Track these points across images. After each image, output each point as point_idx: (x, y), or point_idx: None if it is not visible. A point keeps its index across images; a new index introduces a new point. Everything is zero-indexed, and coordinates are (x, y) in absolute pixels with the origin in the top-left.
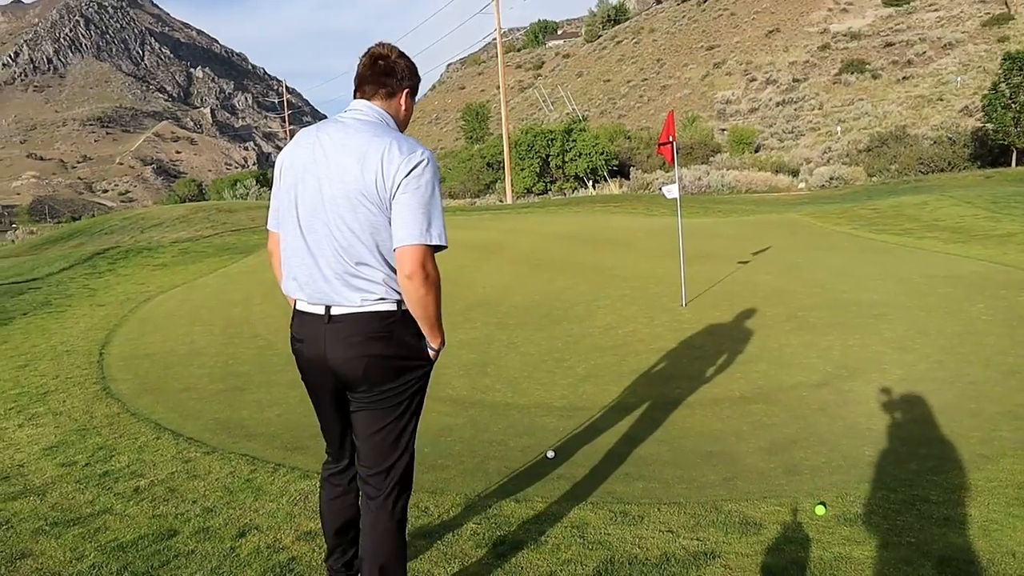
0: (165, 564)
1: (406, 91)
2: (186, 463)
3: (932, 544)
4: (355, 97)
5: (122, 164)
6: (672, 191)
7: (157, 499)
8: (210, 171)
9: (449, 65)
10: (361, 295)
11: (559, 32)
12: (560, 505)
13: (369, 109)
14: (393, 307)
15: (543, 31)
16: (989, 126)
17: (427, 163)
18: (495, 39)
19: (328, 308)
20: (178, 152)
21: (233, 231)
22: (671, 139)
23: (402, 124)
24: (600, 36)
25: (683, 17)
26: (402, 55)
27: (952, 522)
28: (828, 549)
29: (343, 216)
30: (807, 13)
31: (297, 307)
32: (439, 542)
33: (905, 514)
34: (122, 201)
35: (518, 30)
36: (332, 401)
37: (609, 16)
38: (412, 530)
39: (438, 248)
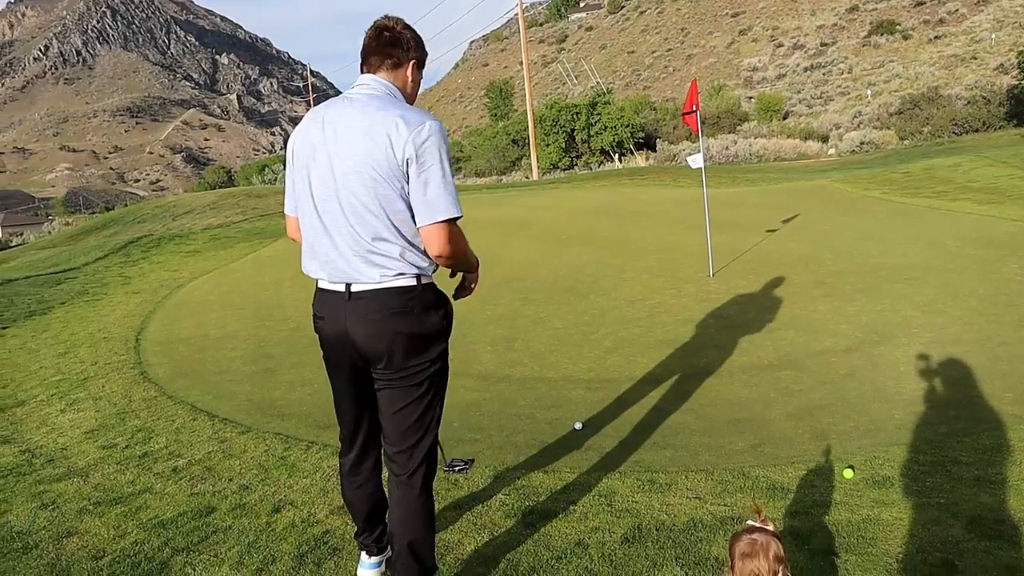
0: (204, 540)
1: (412, 62)
2: (222, 443)
3: (962, 504)
4: (361, 71)
5: (152, 153)
6: (697, 160)
7: (195, 478)
8: (238, 157)
9: (472, 43)
10: (380, 271)
11: (582, 4)
12: (588, 475)
13: (375, 82)
14: (413, 282)
15: (565, 4)
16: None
17: (436, 135)
18: (517, 14)
19: (348, 286)
20: (206, 139)
21: (262, 216)
22: (695, 108)
23: (410, 97)
24: (623, 7)
25: None
26: (407, 26)
27: (983, 482)
28: (856, 512)
29: (355, 192)
30: None
31: (319, 286)
32: (469, 513)
33: (935, 475)
34: (153, 190)
35: (540, 4)
36: (351, 380)
37: None
38: (442, 502)
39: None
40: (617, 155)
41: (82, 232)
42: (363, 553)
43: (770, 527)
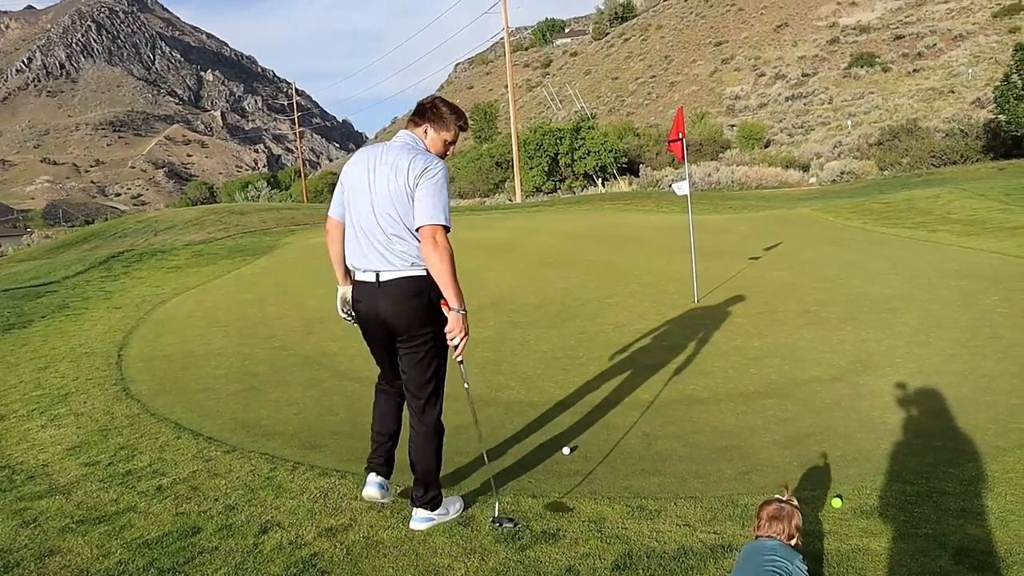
0: (190, 560)
1: (426, 126)
2: (207, 462)
3: (949, 535)
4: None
5: (134, 168)
6: (683, 188)
7: (180, 497)
8: (221, 173)
9: (457, 65)
10: (400, 261)
11: (566, 30)
12: (577, 500)
13: (406, 135)
14: (423, 272)
15: (550, 29)
16: (1002, 117)
17: (437, 168)
18: (503, 38)
19: (378, 275)
20: (189, 155)
21: (245, 233)
22: (681, 136)
23: (429, 146)
24: (608, 33)
25: (691, 13)
26: (433, 103)
27: (969, 513)
28: (845, 541)
29: (385, 207)
30: (816, 7)
31: (355, 278)
32: (459, 537)
33: (922, 506)
34: (134, 204)
35: (525, 29)
36: (383, 346)
37: (616, 13)
38: (430, 527)
39: (447, 228)
40: (600, 180)
41: (62, 245)
42: (371, 474)
43: (795, 502)
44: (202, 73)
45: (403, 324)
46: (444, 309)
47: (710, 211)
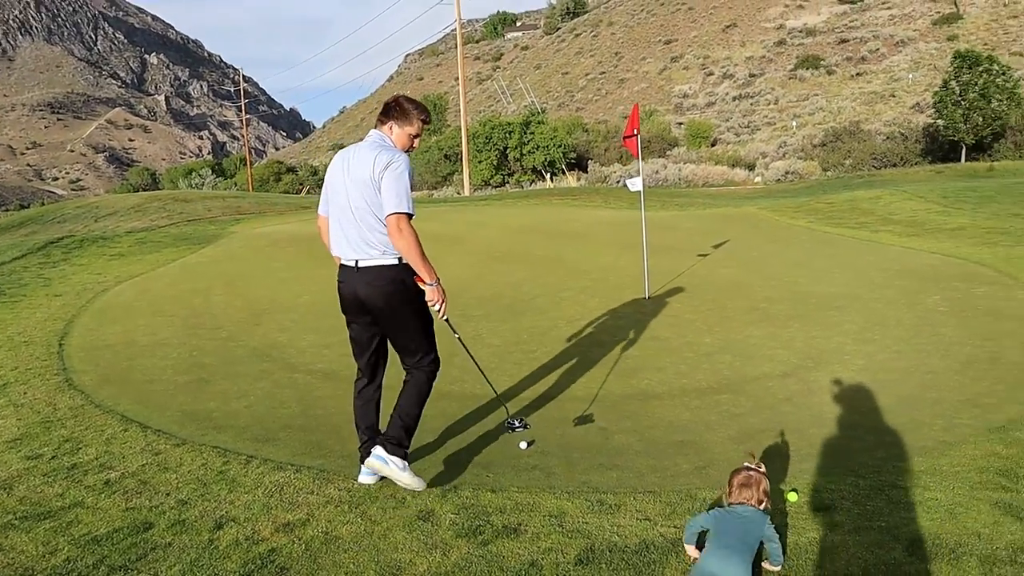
0: (142, 557)
1: (391, 123)
2: (156, 455)
3: (902, 528)
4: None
5: (73, 151)
6: (636, 184)
7: (129, 492)
8: (164, 160)
9: (407, 56)
10: (374, 250)
11: (518, 24)
12: (536, 495)
13: (374, 133)
14: (394, 261)
15: (502, 23)
16: (940, 122)
17: (399, 161)
18: (454, 30)
19: (357, 261)
20: (131, 140)
21: (189, 221)
22: (636, 132)
23: (395, 141)
24: (559, 28)
25: (641, 11)
26: (397, 101)
27: (920, 506)
28: (803, 534)
29: (357, 201)
30: (764, 9)
31: (341, 262)
32: (419, 532)
33: (875, 499)
34: (73, 189)
35: (477, 21)
36: (360, 325)
37: (568, 9)
38: (389, 520)
39: (410, 215)
40: (549, 174)
41: None
42: (364, 463)
43: (762, 469)
44: (146, 56)
45: (381, 305)
46: (420, 284)
47: (658, 208)
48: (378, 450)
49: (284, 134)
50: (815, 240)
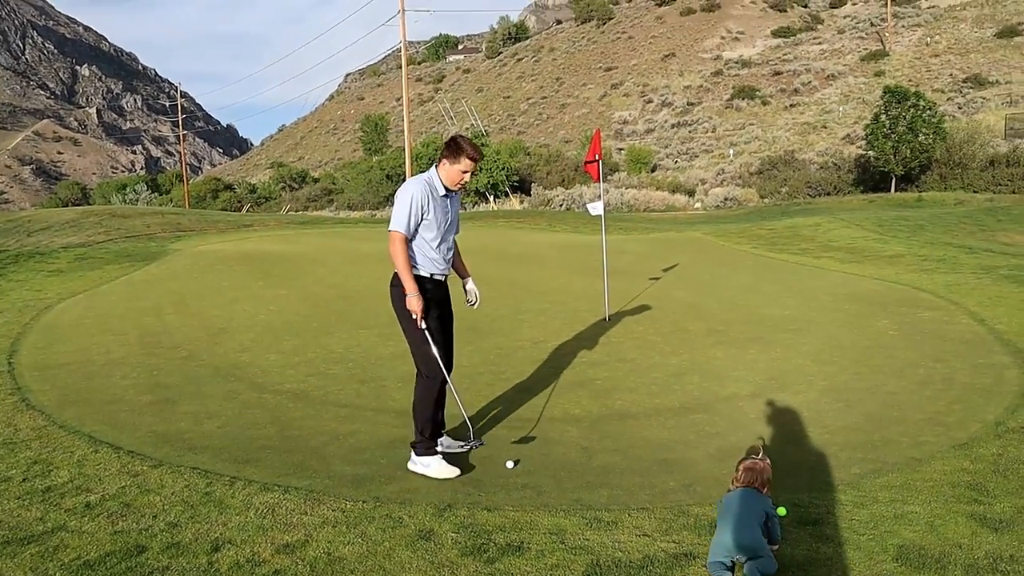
0: None
1: (444, 160)
2: (134, 477)
3: (888, 540)
4: None
5: None
6: (597, 208)
7: (114, 515)
8: (95, 174)
9: (348, 75)
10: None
11: (460, 47)
12: (532, 513)
13: (433, 169)
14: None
15: (444, 45)
16: (871, 153)
17: (404, 187)
18: (396, 50)
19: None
20: (60, 153)
21: (128, 237)
22: (597, 157)
23: (444, 176)
24: (501, 53)
25: (582, 38)
26: (453, 140)
27: (902, 519)
28: (796, 548)
29: None
30: (701, 40)
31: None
32: (423, 552)
33: (858, 513)
34: None
35: (419, 43)
36: None
37: (510, 33)
38: (390, 540)
39: (401, 233)
40: (492, 197)
41: None
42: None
43: (767, 460)
44: (77, 67)
45: (391, 306)
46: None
47: (601, 232)
48: (411, 458)
49: (221, 151)
50: (761, 265)
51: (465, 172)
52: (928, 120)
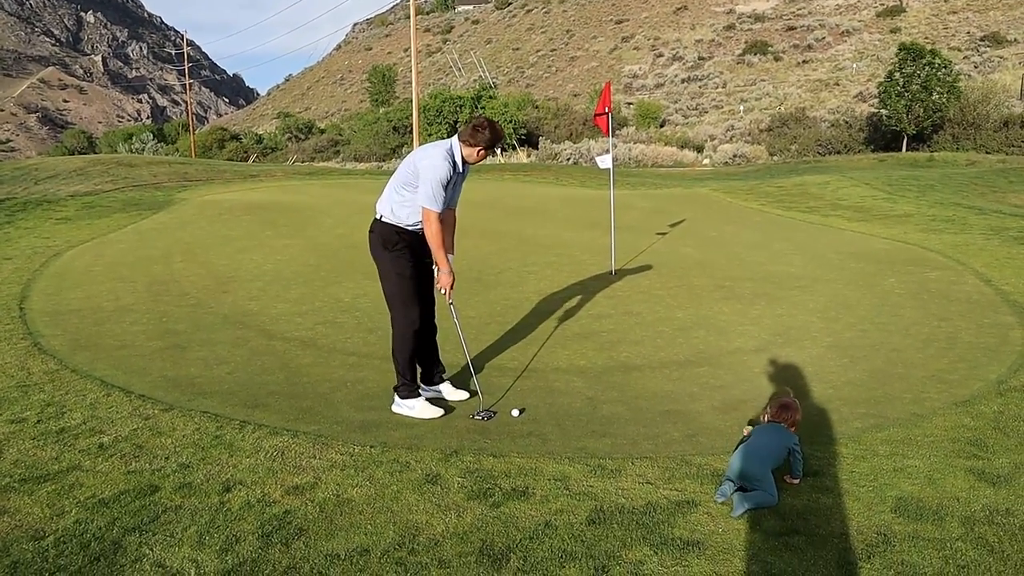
0: (154, 519)
1: (467, 137)
2: (146, 420)
3: (887, 491)
4: None
5: (3, 111)
6: (606, 161)
7: (127, 455)
8: (100, 123)
9: (355, 25)
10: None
11: None
12: (537, 460)
13: (454, 140)
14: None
15: None
16: (884, 112)
17: (426, 157)
18: (404, 0)
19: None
20: (66, 101)
21: (135, 186)
22: (607, 110)
23: (464, 151)
24: (510, 3)
25: None
26: (480, 122)
27: (901, 472)
28: (798, 498)
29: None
30: None
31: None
32: (429, 495)
33: (858, 466)
34: (2, 151)
35: None
36: None
37: None
38: (399, 484)
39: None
40: (499, 150)
41: None
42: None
43: (798, 402)
44: (82, 14)
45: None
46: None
47: (609, 186)
48: (395, 400)
49: (227, 100)
50: (768, 222)
51: (484, 153)
52: (943, 79)
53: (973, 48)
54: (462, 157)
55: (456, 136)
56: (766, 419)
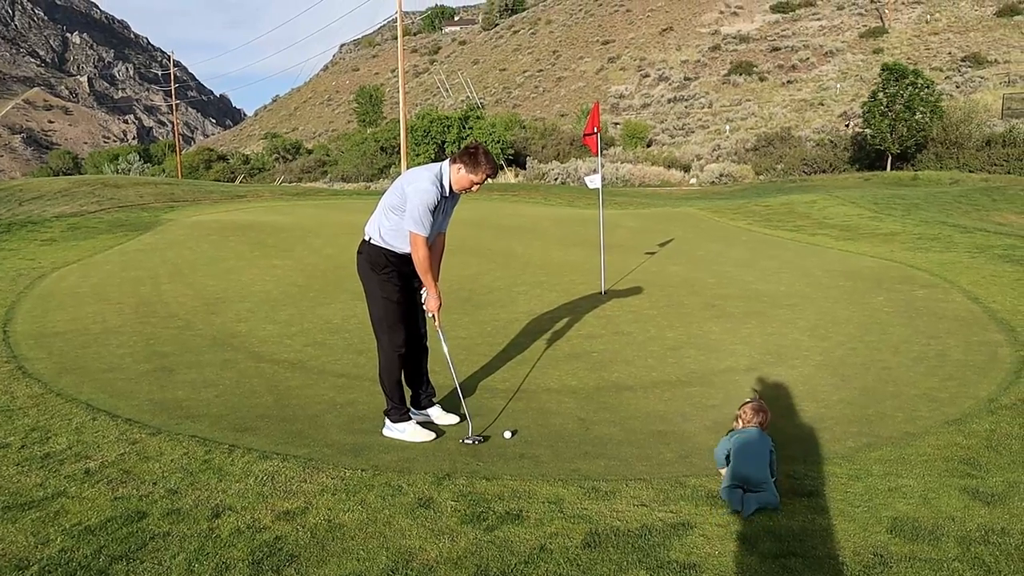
0: (142, 547)
1: (460, 164)
2: (133, 444)
3: (882, 512)
4: None
5: None
6: (595, 181)
7: (113, 481)
8: (86, 143)
9: (342, 46)
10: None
11: (456, 18)
12: (530, 483)
13: (444, 164)
14: (376, 241)
15: (440, 16)
16: (868, 131)
17: (415, 181)
18: (391, 21)
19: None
20: (51, 122)
21: (121, 207)
22: (596, 130)
23: (454, 179)
24: (497, 24)
25: (580, 10)
26: (477, 148)
27: (896, 492)
28: (793, 519)
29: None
30: (699, 14)
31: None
32: (423, 519)
33: (853, 486)
34: None
35: (415, 14)
36: None
37: (506, 5)
38: (390, 508)
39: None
40: None
41: None
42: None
43: (764, 404)
44: (68, 35)
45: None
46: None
47: (597, 206)
48: (386, 424)
49: (214, 121)
50: (756, 241)
51: (476, 183)
52: (925, 99)
53: (955, 68)
54: (451, 184)
55: (448, 161)
56: (742, 425)
